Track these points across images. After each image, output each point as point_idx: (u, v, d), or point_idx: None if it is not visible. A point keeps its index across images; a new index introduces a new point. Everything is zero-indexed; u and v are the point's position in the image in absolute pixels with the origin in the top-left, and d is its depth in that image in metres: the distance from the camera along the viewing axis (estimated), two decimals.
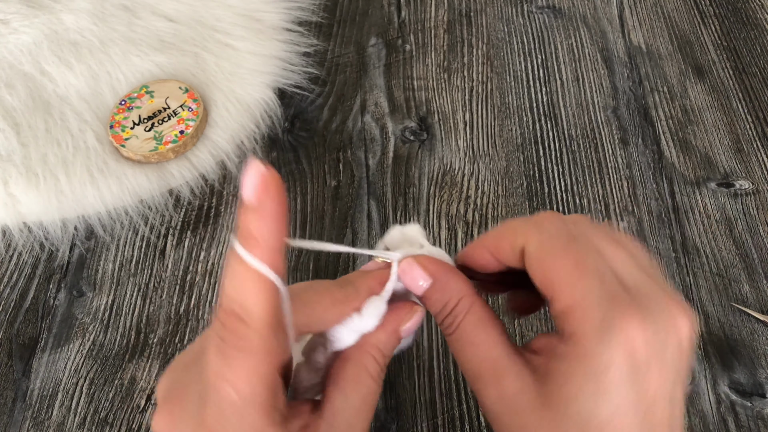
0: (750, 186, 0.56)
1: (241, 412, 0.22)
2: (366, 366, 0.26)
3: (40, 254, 0.54)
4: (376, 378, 0.27)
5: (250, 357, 0.22)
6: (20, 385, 0.48)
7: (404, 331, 0.28)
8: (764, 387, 0.46)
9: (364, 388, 0.26)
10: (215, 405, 0.22)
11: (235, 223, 0.24)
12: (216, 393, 0.22)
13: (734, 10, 0.69)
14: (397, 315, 0.28)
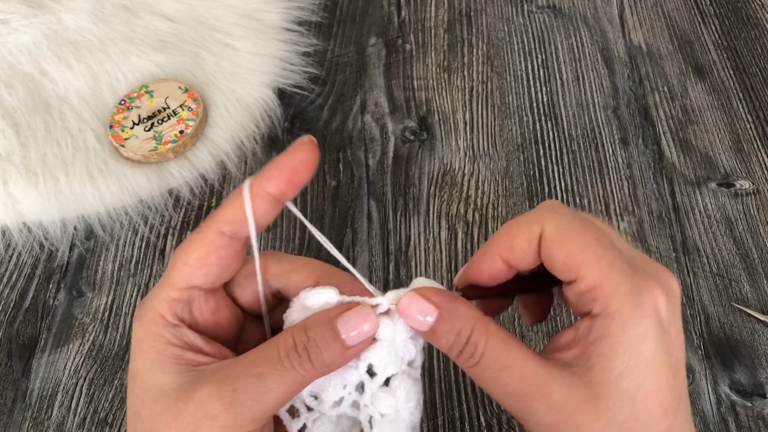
0: (750, 186, 0.56)
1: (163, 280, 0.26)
2: (280, 335, 0.25)
3: (40, 254, 0.54)
4: (281, 349, 0.24)
5: (195, 237, 0.26)
6: (20, 385, 0.48)
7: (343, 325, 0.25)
8: (764, 387, 0.46)
9: (261, 350, 0.25)
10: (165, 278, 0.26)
11: None
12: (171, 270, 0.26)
13: (734, 10, 0.69)
14: (338, 306, 0.26)
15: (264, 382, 0.24)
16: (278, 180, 0.25)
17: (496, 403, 0.46)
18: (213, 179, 0.58)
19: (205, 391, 0.24)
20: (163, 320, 0.26)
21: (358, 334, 0.25)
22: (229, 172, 0.59)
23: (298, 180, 0.25)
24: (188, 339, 0.26)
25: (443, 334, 0.25)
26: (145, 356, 0.25)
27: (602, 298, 0.24)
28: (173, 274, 0.26)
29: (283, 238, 0.54)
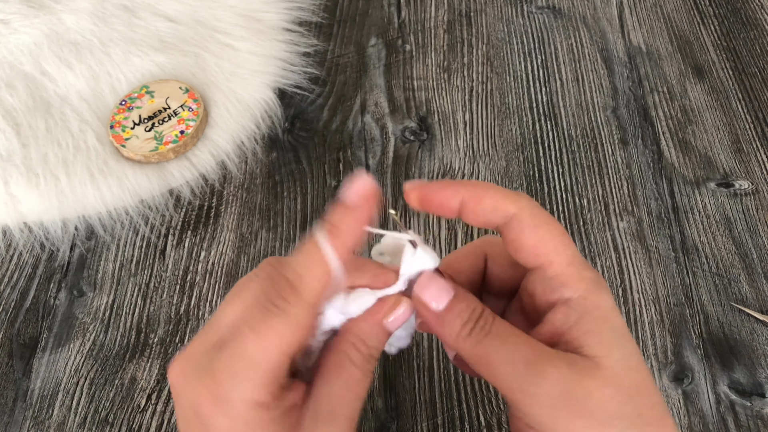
0: (749, 186, 0.57)
1: (251, 367, 0.23)
2: (347, 353, 0.27)
3: (41, 254, 0.54)
4: (359, 365, 0.27)
5: (285, 321, 0.24)
6: (21, 385, 0.48)
7: (390, 324, 0.28)
8: (764, 387, 0.46)
9: (345, 374, 0.26)
10: (231, 352, 0.24)
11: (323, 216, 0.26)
12: (239, 341, 0.24)
13: (734, 11, 0.69)
14: (380, 306, 0.28)
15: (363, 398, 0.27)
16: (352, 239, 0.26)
17: (496, 403, 0.46)
18: (213, 179, 0.58)
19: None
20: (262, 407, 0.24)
21: (401, 321, 0.28)
22: (230, 172, 0.59)
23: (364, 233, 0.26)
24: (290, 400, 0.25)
25: (459, 312, 0.27)
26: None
27: (572, 283, 0.26)
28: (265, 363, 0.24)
29: (284, 238, 0.55)
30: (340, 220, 0.25)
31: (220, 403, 0.23)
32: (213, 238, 0.55)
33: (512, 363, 0.25)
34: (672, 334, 0.49)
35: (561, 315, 0.26)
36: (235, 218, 0.56)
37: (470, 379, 0.47)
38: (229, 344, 0.24)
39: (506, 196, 0.27)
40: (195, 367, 0.24)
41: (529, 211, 0.27)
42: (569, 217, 0.55)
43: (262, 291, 0.25)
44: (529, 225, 0.27)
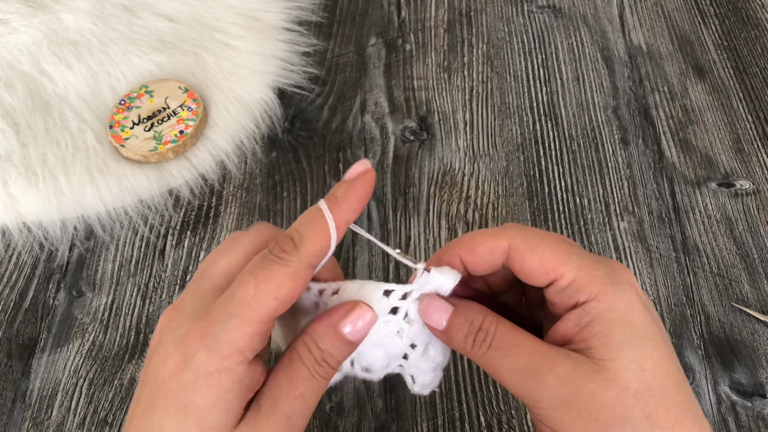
0: (750, 186, 0.56)
1: (246, 309, 0.24)
2: (297, 350, 0.27)
3: (40, 254, 0.54)
4: (308, 365, 0.26)
5: (285, 271, 0.25)
6: (20, 386, 0.48)
7: (348, 332, 0.27)
8: (765, 387, 0.46)
9: (292, 370, 0.26)
10: (230, 296, 0.25)
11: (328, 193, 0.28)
12: (238, 285, 0.25)
13: (735, 10, 0.69)
14: (337, 309, 0.27)
15: (307, 400, 0.26)
16: (353, 213, 0.27)
17: (496, 403, 0.46)
18: (213, 179, 0.58)
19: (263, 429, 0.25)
20: (242, 356, 0.25)
21: (361, 330, 0.27)
22: (229, 172, 0.59)
23: (362, 208, 0.28)
24: (254, 375, 0.25)
25: (458, 327, 0.28)
26: (212, 393, 0.24)
27: (585, 286, 0.26)
28: (259, 308, 0.25)
29: None
30: (341, 193, 0.27)
31: (208, 338, 0.24)
32: (212, 238, 0.55)
33: (515, 372, 0.26)
34: (673, 335, 0.49)
35: (574, 317, 0.26)
36: (234, 218, 0.56)
37: (470, 380, 0.47)
38: (226, 289, 0.26)
39: (495, 234, 0.28)
40: (190, 312, 0.26)
41: (521, 236, 0.27)
42: (569, 217, 0.55)
43: (262, 244, 0.27)
44: (527, 249, 0.27)
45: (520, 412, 0.45)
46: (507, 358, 0.26)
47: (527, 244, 0.27)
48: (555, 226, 0.54)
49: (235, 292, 0.25)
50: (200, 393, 0.24)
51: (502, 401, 0.46)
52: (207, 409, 0.24)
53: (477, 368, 0.47)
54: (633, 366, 0.24)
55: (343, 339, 0.27)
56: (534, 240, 0.27)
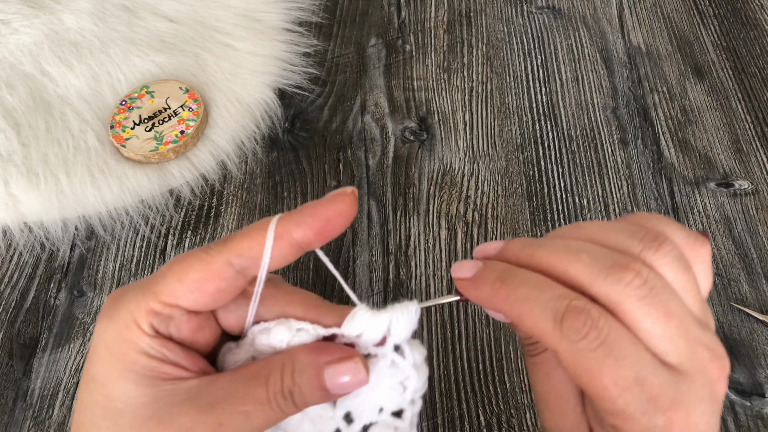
0: (749, 186, 0.57)
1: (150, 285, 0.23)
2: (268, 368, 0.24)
3: (41, 254, 0.54)
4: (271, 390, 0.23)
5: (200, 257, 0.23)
6: (21, 385, 0.48)
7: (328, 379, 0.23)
8: (763, 387, 0.47)
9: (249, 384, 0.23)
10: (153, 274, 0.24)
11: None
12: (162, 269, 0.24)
13: (734, 11, 0.69)
14: (329, 348, 0.24)
15: (250, 420, 0.23)
16: (308, 228, 0.23)
17: (495, 403, 0.46)
18: (213, 179, 0.58)
19: (188, 419, 0.22)
20: (139, 329, 0.23)
21: (344, 387, 0.24)
22: (230, 172, 0.59)
23: (329, 232, 0.24)
24: (167, 350, 0.23)
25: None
26: (115, 363, 0.23)
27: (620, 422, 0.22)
28: (161, 285, 0.23)
29: None
30: (301, 207, 0.24)
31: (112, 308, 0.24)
32: (213, 238, 0.55)
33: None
34: None
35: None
36: (235, 218, 0.56)
37: (470, 379, 0.47)
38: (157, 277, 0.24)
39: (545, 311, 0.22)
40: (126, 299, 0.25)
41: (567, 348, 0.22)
42: (569, 217, 0.55)
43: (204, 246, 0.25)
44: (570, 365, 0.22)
45: (519, 412, 0.46)
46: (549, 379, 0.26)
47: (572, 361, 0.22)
48: (554, 226, 0.55)
49: (155, 272, 0.24)
50: (105, 363, 0.23)
51: (502, 401, 0.46)
52: (113, 378, 0.23)
53: (477, 367, 0.47)
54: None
55: (322, 385, 0.23)
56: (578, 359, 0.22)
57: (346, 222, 0.24)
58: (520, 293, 0.23)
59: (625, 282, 0.22)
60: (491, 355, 0.48)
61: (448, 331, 0.49)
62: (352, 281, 0.51)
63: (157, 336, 0.23)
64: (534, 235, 0.54)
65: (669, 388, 0.21)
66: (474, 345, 0.48)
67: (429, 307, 0.27)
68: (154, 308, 0.23)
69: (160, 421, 0.22)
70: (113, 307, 0.24)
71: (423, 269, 0.52)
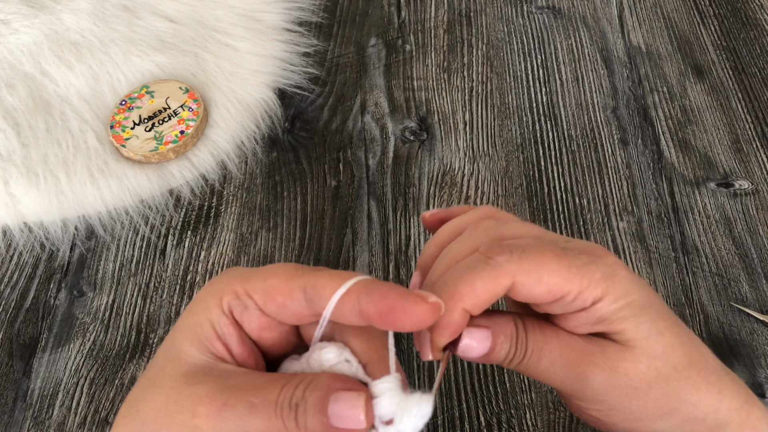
0: (749, 186, 0.57)
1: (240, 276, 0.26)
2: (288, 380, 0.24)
3: (41, 254, 0.54)
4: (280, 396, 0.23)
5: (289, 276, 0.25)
6: (21, 385, 0.48)
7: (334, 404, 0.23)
8: (764, 387, 0.47)
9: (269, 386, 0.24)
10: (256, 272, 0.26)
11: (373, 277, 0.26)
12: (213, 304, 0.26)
13: (734, 11, 0.69)
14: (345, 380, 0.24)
15: (252, 414, 0.23)
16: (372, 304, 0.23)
17: (495, 402, 0.46)
18: (213, 179, 0.58)
19: (203, 389, 0.24)
20: (219, 301, 0.26)
21: (342, 419, 0.23)
22: (230, 172, 0.59)
23: (391, 320, 0.23)
24: (227, 331, 0.26)
25: (501, 346, 0.28)
26: (191, 317, 0.26)
27: (589, 294, 0.27)
28: (253, 277, 0.26)
29: (284, 238, 0.55)
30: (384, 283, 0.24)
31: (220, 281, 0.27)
32: (213, 238, 0.55)
33: (554, 373, 0.28)
34: None
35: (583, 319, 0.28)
36: (235, 218, 0.56)
37: (470, 379, 0.47)
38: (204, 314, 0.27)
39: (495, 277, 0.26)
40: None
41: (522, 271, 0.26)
42: (569, 217, 0.55)
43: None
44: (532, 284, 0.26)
45: (519, 412, 0.46)
46: (541, 358, 0.28)
47: (531, 278, 0.26)
48: (554, 226, 0.55)
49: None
50: (187, 314, 0.27)
51: (502, 400, 0.46)
52: (182, 328, 0.26)
53: (477, 367, 0.47)
54: (652, 333, 0.27)
55: (323, 409, 0.23)
56: (536, 270, 0.26)
57: (412, 325, 0.23)
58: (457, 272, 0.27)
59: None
60: None
61: None
62: None
63: (229, 317, 0.26)
64: None
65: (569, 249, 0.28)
66: None
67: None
68: (237, 291, 0.26)
69: (188, 382, 0.25)
70: (221, 277, 0.27)
71: None
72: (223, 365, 0.25)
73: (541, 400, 0.46)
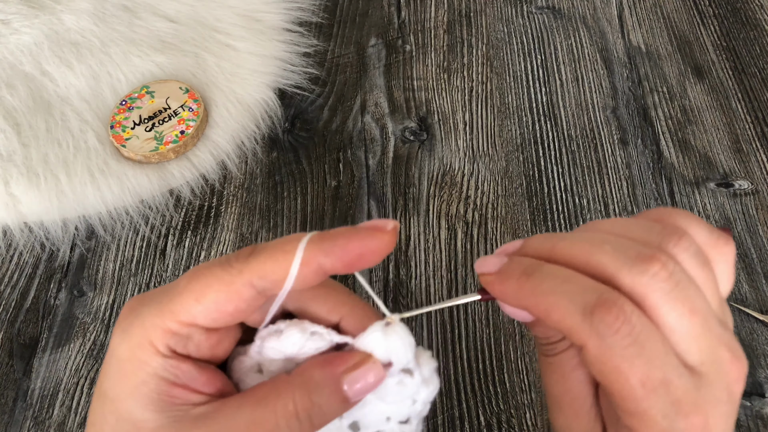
0: (749, 186, 0.57)
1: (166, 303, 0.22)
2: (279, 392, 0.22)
3: (41, 254, 0.54)
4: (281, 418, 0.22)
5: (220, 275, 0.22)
6: (21, 385, 0.48)
7: (349, 388, 0.22)
8: (763, 387, 0.47)
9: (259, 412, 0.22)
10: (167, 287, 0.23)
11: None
12: (179, 278, 0.22)
13: (733, 11, 0.69)
14: (341, 358, 0.23)
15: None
16: (337, 260, 0.22)
17: (495, 402, 0.46)
18: (214, 179, 0.58)
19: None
20: (153, 348, 0.22)
21: (365, 390, 0.23)
22: (230, 172, 0.59)
23: (358, 265, 0.22)
24: (180, 372, 0.22)
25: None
26: (126, 382, 0.22)
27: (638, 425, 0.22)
28: (178, 304, 0.22)
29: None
30: (334, 232, 0.22)
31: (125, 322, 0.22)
32: (213, 238, 0.55)
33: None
34: None
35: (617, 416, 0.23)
36: (235, 218, 0.56)
37: (470, 379, 0.47)
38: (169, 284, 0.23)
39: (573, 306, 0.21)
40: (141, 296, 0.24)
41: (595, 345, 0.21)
42: (569, 218, 0.55)
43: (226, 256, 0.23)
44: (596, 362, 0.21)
45: (519, 412, 0.46)
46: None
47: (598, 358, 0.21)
48: (554, 226, 0.55)
49: (171, 284, 0.23)
50: (116, 380, 0.22)
51: (502, 400, 0.46)
52: (123, 397, 0.22)
53: (477, 367, 0.47)
54: None
55: (341, 396, 0.22)
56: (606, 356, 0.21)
57: (379, 258, 0.22)
58: (547, 286, 0.22)
59: (651, 273, 0.21)
60: (491, 355, 0.48)
61: (448, 331, 0.49)
62: (352, 281, 0.51)
63: (174, 356, 0.22)
64: (534, 235, 0.54)
65: (691, 391, 0.21)
66: (474, 345, 0.48)
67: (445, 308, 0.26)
68: (171, 328, 0.22)
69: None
70: (128, 321, 0.22)
71: (423, 269, 0.52)
72: (193, 411, 0.22)
73: (541, 400, 0.46)
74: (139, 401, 0.22)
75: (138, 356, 0.22)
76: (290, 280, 0.22)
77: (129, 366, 0.22)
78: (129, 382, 0.22)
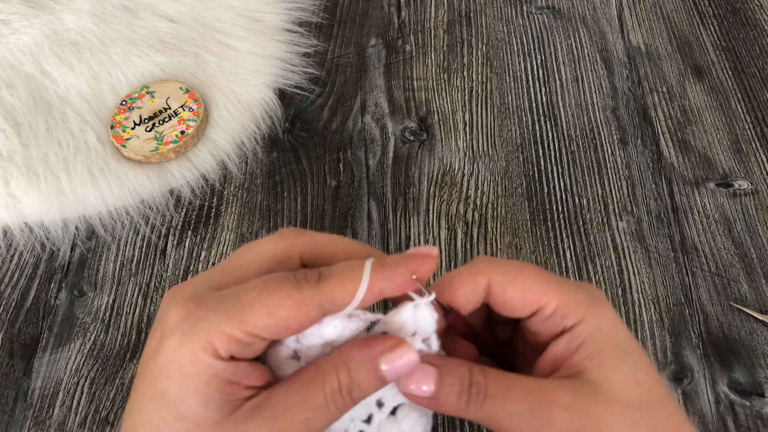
0: (749, 186, 0.57)
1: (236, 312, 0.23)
2: (322, 372, 0.25)
3: (41, 254, 0.54)
4: (328, 392, 0.24)
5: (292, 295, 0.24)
6: (21, 385, 0.48)
7: (385, 369, 0.25)
8: (763, 386, 0.47)
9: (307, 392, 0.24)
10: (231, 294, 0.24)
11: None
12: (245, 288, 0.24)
13: (733, 11, 0.69)
14: (378, 341, 0.25)
15: (311, 425, 0.24)
16: (397, 285, 0.25)
17: None
18: (214, 179, 0.58)
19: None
20: (215, 353, 0.23)
21: (400, 371, 0.25)
22: (230, 172, 0.59)
23: (411, 288, 0.25)
24: (238, 371, 0.24)
25: (450, 388, 0.25)
26: (187, 383, 0.23)
27: (570, 311, 0.26)
28: (249, 316, 0.23)
29: None
30: (393, 260, 0.25)
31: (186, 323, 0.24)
32: (213, 238, 0.55)
33: (519, 415, 0.25)
34: (671, 334, 0.49)
35: (564, 343, 0.26)
36: (235, 218, 0.56)
37: None
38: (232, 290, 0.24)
39: (472, 273, 0.27)
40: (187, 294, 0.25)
41: (499, 271, 0.26)
42: (569, 217, 0.55)
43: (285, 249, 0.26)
44: (507, 283, 0.26)
45: None
46: (507, 403, 0.25)
47: (507, 277, 0.26)
48: (554, 226, 0.55)
49: (236, 291, 0.24)
50: (176, 381, 0.23)
51: None
52: (184, 398, 0.23)
53: None
54: (629, 380, 0.25)
55: (379, 375, 0.25)
56: (513, 273, 0.26)
57: (426, 279, 0.26)
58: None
59: None
60: None
61: None
62: None
63: (233, 360, 0.24)
64: (534, 235, 0.54)
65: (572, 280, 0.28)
66: None
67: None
68: (237, 336, 0.23)
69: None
70: (190, 324, 0.23)
71: None
72: (247, 403, 0.24)
73: None
74: (201, 401, 0.23)
75: (201, 359, 0.23)
76: (356, 302, 0.24)
77: (192, 368, 0.23)
78: (192, 384, 0.23)
